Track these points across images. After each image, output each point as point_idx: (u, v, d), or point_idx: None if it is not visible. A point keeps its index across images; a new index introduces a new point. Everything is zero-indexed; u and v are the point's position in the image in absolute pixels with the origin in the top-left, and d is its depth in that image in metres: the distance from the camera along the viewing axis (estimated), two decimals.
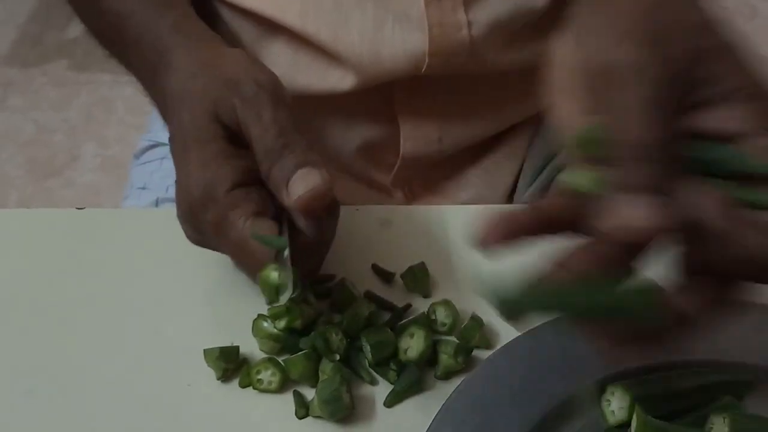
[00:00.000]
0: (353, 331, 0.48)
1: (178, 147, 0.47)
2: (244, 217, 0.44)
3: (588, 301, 0.33)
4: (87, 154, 1.70)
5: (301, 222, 0.45)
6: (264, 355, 0.48)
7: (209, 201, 0.45)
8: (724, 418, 0.41)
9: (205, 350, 0.47)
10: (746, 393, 0.46)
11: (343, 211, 0.52)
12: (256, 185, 0.46)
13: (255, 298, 0.51)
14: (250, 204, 0.45)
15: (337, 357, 0.47)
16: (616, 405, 0.44)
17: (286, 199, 0.44)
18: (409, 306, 0.52)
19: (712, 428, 0.41)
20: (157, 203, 0.68)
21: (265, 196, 0.46)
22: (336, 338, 0.48)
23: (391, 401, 0.47)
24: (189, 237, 0.48)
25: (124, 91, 1.73)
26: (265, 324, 0.48)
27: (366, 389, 0.48)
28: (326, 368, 0.46)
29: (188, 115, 0.46)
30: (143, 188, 0.70)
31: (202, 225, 0.46)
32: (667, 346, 0.36)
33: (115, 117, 1.76)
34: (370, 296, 0.52)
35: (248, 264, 0.45)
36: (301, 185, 0.43)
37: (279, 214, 0.46)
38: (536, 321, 0.49)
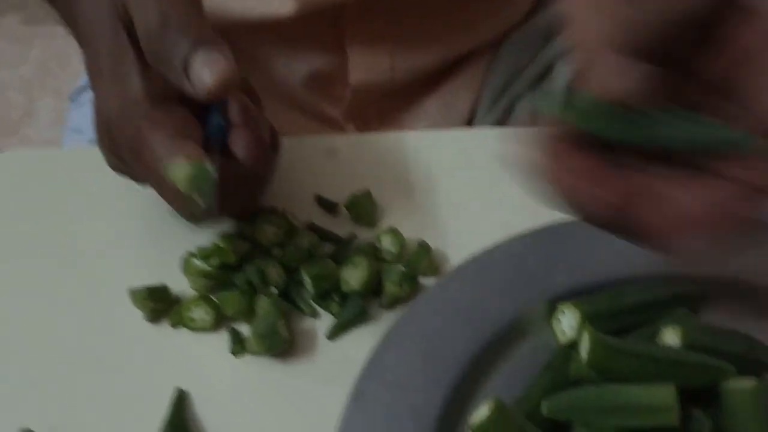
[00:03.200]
0: (293, 264, 0.46)
1: (93, 68, 0.43)
2: (162, 137, 0.39)
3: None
4: (44, 110, 1.65)
5: (240, 148, 0.42)
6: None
7: (126, 120, 0.40)
8: (675, 329, 0.39)
9: (130, 290, 0.44)
10: (702, 306, 0.44)
11: (287, 141, 0.49)
12: (179, 102, 0.41)
13: (185, 235, 0.49)
14: (171, 124, 0.40)
15: (275, 291, 0.45)
16: (566, 324, 0.42)
17: (191, 90, 0.38)
18: (354, 237, 0.49)
19: (663, 341, 0.39)
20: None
21: (188, 115, 0.41)
22: (274, 272, 0.45)
23: (334, 333, 0.44)
24: (110, 164, 0.45)
25: None
26: (196, 261, 0.45)
27: (308, 323, 0.45)
28: (263, 303, 0.44)
29: (99, 30, 0.42)
30: (78, 131, 0.66)
31: (120, 149, 0.42)
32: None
33: (70, 69, 1.70)
34: (311, 228, 0.49)
35: (167, 194, 0.41)
36: (205, 73, 0.37)
37: (210, 136, 0.42)
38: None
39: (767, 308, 0.44)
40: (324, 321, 0.45)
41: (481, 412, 0.36)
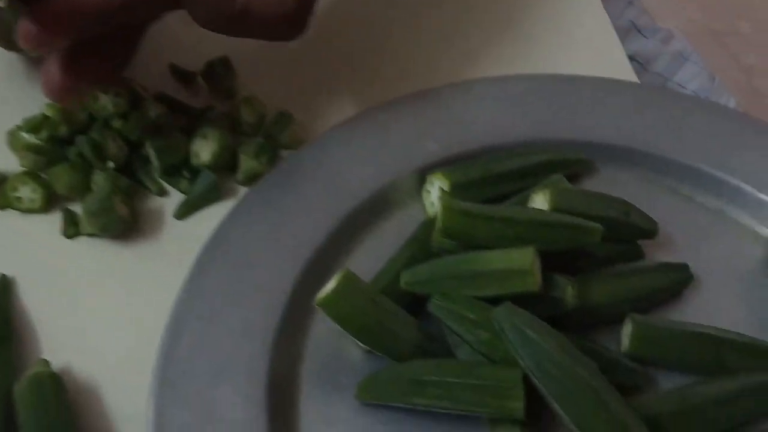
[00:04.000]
0: (136, 137, 0.41)
1: None
2: None
3: None
4: None
5: None
6: None
7: None
8: (545, 193, 0.36)
9: None
10: (583, 172, 0.41)
11: None
12: None
13: (10, 106, 0.43)
14: None
15: (112, 165, 0.40)
16: (435, 195, 0.39)
17: None
18: (210, 108, 0.44)
19: (532, 206, 0.36)
20: None
21: None
22: (113, 145, 0.40)
23: (183, 212, 0.40)
24: None
25: None
26: (24, 134, 0.40)
27: (155, 201, 0.41)
28: (98, 179, 0.39)
29: None
30: None
31: None
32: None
33: None
34: (160, 98, 0.44)
35: None
36: None
37: None
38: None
39: (649, 175, 0.41)
40: (173, 199, 0.41)
41: (328, 286, 0.33)
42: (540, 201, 0.36)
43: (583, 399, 0.30)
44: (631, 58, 0.60)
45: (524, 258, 0.31)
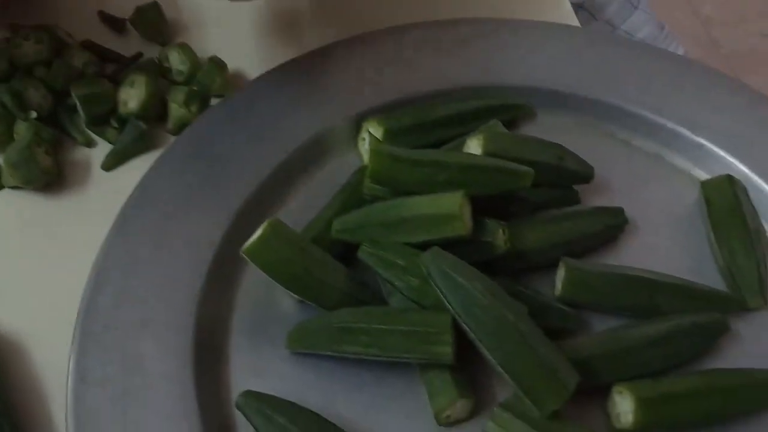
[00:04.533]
0: (61, 86, 0.40)
1: None
2: None
3: None
4: None
5: None
6: None
7: None
8: (478, 138, 0.35)
9: None
10: (522, 118, 0.41)
11: None
12: None
13: None
14: None
15: (34, 114, 0.38)
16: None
17: None
18: (139, 55, 0.43)
19: (468, 151, 0.36)
20: None
21: None
22: (36, 94, 0.39)
23: (111, 163, 0.39)
24: None
25: None
26: None
27: (82, 152, 0.40)
28: (20, 129, 0.38)
29: None
30: None
31: None
32: None
33: None
34: (87, 45, 0.42)
35: None
36: None
37: None
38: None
39: (587, 120, 0.41)
40: (101, 150, 0.40)
41: (255, 234, 0.32)
42: (474, 146, 0.35)
43: (511, 343, 0.29)
44: (581, 6, 0.59)
45: (453, 202, 0.31)
